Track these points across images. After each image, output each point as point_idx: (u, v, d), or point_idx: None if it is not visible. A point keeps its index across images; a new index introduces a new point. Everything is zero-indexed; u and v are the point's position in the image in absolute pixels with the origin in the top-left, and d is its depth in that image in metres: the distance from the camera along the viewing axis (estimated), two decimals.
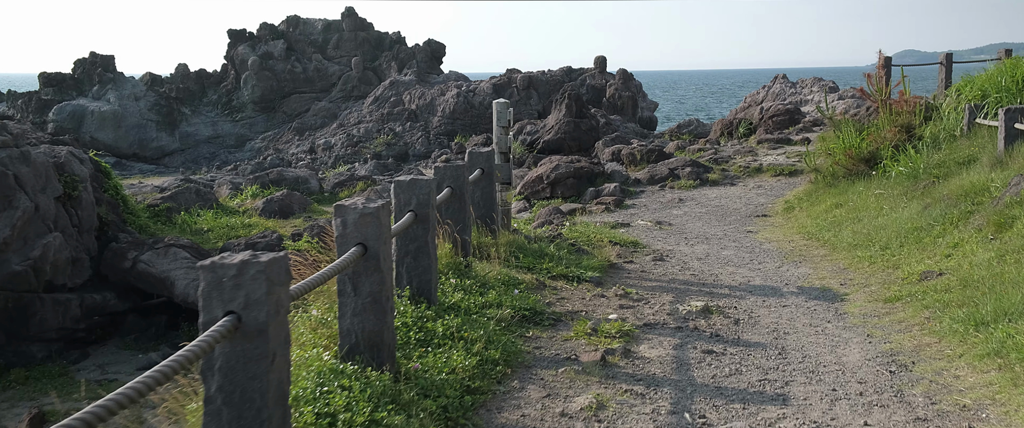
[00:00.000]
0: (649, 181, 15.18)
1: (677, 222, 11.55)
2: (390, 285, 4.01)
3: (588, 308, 6.41)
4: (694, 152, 17.74)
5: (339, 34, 41.91)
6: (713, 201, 13.27)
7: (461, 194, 6.32)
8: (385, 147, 34.01)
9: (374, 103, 37.86)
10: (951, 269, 6.73)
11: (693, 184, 14.64)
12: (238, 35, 41.58)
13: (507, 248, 7.57)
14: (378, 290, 3.90)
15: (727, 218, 11.74)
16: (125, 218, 14.07)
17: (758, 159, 16.24)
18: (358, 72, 40.39)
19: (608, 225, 11.08)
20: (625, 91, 33.80)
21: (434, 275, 5.23)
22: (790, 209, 11.89)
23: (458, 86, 35.79)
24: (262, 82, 40.27)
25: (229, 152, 39.39)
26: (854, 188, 11.27)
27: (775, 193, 13.59)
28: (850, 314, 6.29)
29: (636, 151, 16.56)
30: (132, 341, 11.76)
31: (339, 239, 3.90)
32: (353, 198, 3.71)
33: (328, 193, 18.68)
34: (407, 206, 5.07)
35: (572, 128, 23.70)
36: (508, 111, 8.14)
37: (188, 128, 40.22)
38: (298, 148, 37.34)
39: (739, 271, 8.10)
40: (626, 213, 12.64)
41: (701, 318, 6.20)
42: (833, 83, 27.42)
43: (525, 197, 15.27)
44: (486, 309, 5.58)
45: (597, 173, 15.31)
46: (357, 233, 3.86)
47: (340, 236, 3.89)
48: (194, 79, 41.52)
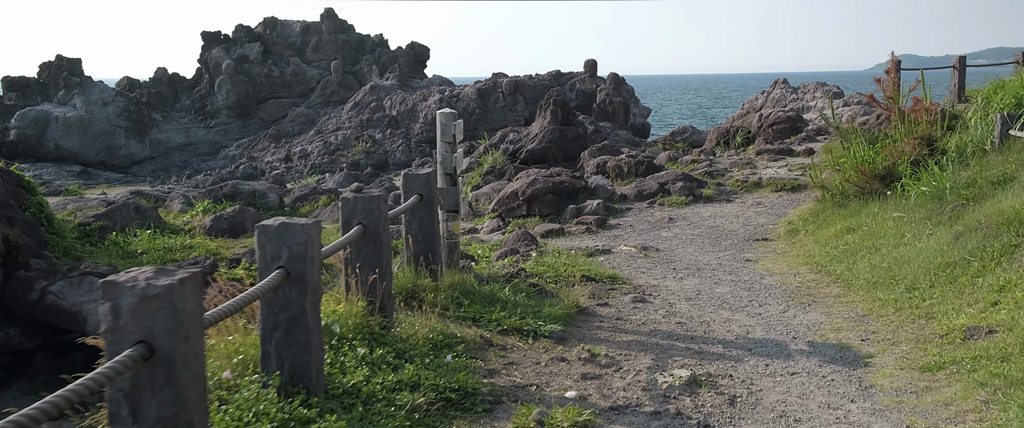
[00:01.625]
0: (637, 197, 13.83)
1: (665, 247, 10.20)
2: (197, 403, 2.63)
3: (541, 379, 5.03)
4: (687, 164, 16.39)
5: (318, 36, 40.52)
6: (707, 221, 11.92)
7: (376, 233, 4.94)
8: (364, 155, 32.63)
9: (354, 109, 36.49)
10: (1003, 325, 5.38)
11: (685, 201, 13.29)
12: (212, 37, 40.17)
13: (450, 293, 6.20)
14: (172, 415, 2.52)
15: (722, 242, 10.39)
16: (47, 240, 12.65)
17: (757, 172, 14.90)
18: (338, 76, 39.00)
19: (585, 252, 9.72)
20: (616, 96, 32.46)
21: (317, 353, 3.85)
22: (794, 232, 10.54)
23: (441, 91, 34.43)
24: (237, 86, 38.86)
25: (202, 160, 37.96)
26: (867, 209, 9.92)
27: (776, 212, 12.24)
28: (878, 389, 4.92)
29: (623, 163, 15.21)
30: (41, 384, 10.35)
31: (109, 335, 2.52)
32: (141, 270, 2.29)
33: (288, 208, 17.27)
34: (275, 261, 3.70)
35: (557, 137, 22.34)
36: (454, 124, 6.78)
37: (159, 135, 38.77)
38: (274, 156, 35.94)
39: (736, 317, 6.74)
40: (608, 235, 11.29)
41: (686, 395, 4.83)
42: (837, 88, 25.97)
43: (499, 215, 13.91)
44: (397, 393, 4.20)
45: (579, 188, 13.95)
46: (137, 327, 2.50)
47: (110, 330, 2.52)
48: (167, 84, 40.11)
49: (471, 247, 10.45)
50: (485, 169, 21.71)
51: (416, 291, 6.10)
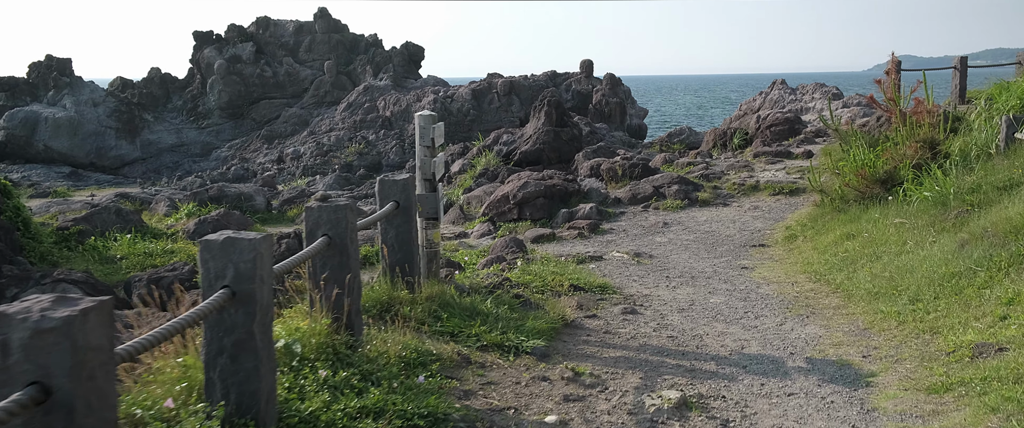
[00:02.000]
0: (631, 201, 13.52)
1: (659, 253, 9.88)
2: None
3: (520, 401, 4.71)
4: (683, 167, 16.08)
5: (312, 36, 40.19)
6: (702, 226, 11.61)
7: (342, 245, 4.62)
8: (357, 156, 32.30)
9: (347, 109, 36.16)
10: (1014, 342, 5.06)
11: (680, 204, 12.98)
12: (204, 37, 39.83)
13: (427, 306, 5.87)
14: None
15: (718, 248, 10.08)
16: (23, 245, 12.32)
17: (754, 175, 14.59)
18: (331, 76, 38.67)
19: (576, 258, 9.40)
20: (613, 97, 32.14)
21: (267, 380, 3.53)
22: (792, 238, 10.23)
23: (435, 92, 34.11)
24: (229, 87, 38.52)
25: (193, 161, 37.60)
26: (868, 215, 9.61)
27: (774, 216, 11.94)
28: (881, 412, 4.61)
29: (618, 165, 14.89)
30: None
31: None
32: (38, 299, 1.94)
33: (276, 211, 16.93)
34: (220, 280, 3.37)
35: (552, 138, 22.01)
36: (434, 127, 6.46)
37: (150, 136, 38.41)
38: (266, 157, 35.60)
39: (730, 330, 6.42)
40: (601, 241, 10.98)
41: (676, 419, 4.52)
42: (836, 89, 25.62)
43: (490, 219, 13.59)
44: (359, 421, 3.88)
45: (572, 192, 13.64)
46: (30, 365, 2.17)
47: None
48: (158, 84, 39.75)
49: (458, 254, 10.13)
50: (478, 171, 21.39)
51: (391, 304, 5.78)
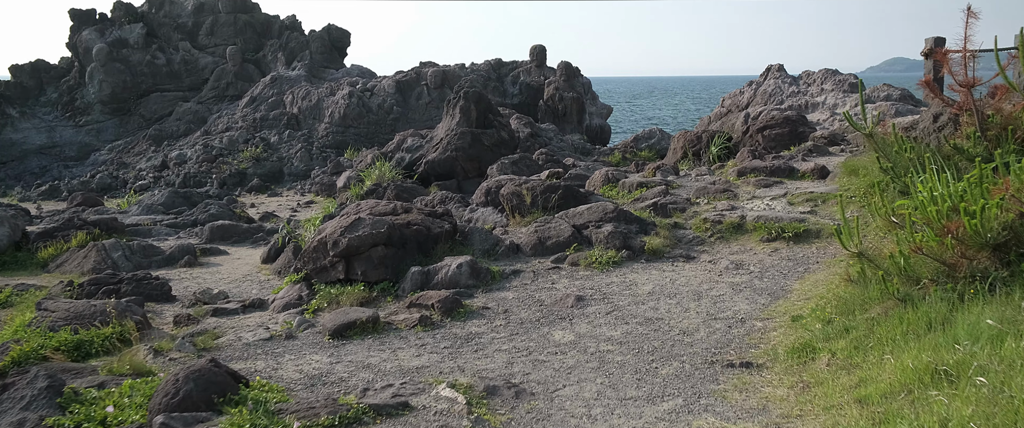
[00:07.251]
0: (535, 250, 8.63)
1: (545, 382, 5.05)
2: None
3: None
4: (633, 189, 11.17)
5: (214, 17, 34.98)
6: (643, 306, 6.76)
7: None
8: (252, 163, 27.17)
9: (250, 104, 31.03)
10: None
11: (613, 258, 8.12)
12: (84, 16, 34.53)
13: None
14: None
15: (663, 368, 5.25)
16: None
17: (738, 205, 9.71)
18: (235, 65, 33.51)
19: (355, 410, 4.49)
20: (568, 91, 27.24)
21: None
22: (805, 350, 5.38)
23: (352, 84, 29.05)
24: (112, 77, 33.25)
25: (65, 166, 32.30)
26: (969, 315, 4.76)
27: (769, 286, 7.11)
28: None
29: (525, 190, 9.95)
30: None
31: None
32: None
33: (26, 250, 11.69)
34: None
35: (468, 143, 17.05)
36: None
37: (14, 135, 33.05)
38: (149, 162, 30.37)
39: None
40: (454, 340, 6.11)
41: None
42: (855, 77, 19.88)
43: (305, 278, 8.63)
44: None
45: (439, 233, 8.72)
46: None
47: None
48: (29, 73, 34.39)
49: (213, 343, 5.18)
50: (366, 188, 16.41)
51: None
